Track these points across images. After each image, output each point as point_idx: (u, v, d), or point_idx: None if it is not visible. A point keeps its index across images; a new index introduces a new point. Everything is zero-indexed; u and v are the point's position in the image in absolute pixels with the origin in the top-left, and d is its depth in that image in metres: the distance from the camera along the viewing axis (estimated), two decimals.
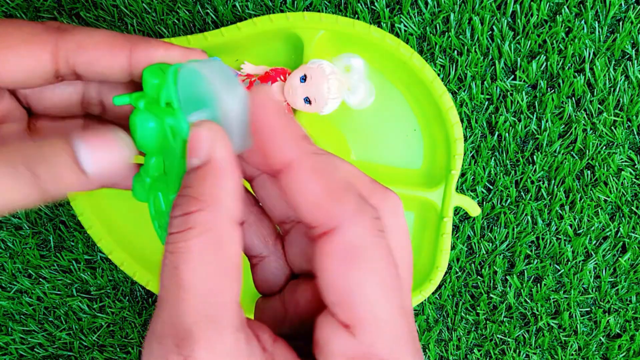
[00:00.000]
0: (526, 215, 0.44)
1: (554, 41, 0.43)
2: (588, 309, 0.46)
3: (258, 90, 0.19)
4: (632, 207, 0.45)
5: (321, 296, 0.18)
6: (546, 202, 0.44)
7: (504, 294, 0.45)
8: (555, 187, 0.44)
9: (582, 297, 0.46)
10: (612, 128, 0.44)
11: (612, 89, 0.43)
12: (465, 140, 0.43)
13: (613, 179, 0.44)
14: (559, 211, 0.44)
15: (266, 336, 0.19)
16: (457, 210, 0.44)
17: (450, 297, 0.46)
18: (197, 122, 0.19)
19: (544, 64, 0.43)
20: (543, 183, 0.44)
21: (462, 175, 0.44)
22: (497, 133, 0.44)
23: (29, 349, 0.47)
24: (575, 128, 0.43)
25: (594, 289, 0.46)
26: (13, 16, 0.43)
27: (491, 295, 0.45)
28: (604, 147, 0.44)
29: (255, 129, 0.19)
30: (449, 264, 0.45)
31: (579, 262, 0.45)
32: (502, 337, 0.46)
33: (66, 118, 0.25)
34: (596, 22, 0.42)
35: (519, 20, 0.42)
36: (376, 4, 0.42)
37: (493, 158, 0.44)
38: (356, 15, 0.42)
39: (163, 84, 0.20)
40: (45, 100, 0.24)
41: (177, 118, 0.20)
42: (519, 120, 0.43)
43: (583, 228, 0.45)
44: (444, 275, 0.44)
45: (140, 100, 0.21)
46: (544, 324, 0.46)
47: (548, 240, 0.45)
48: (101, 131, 0.19)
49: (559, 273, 0.45)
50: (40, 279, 0.46)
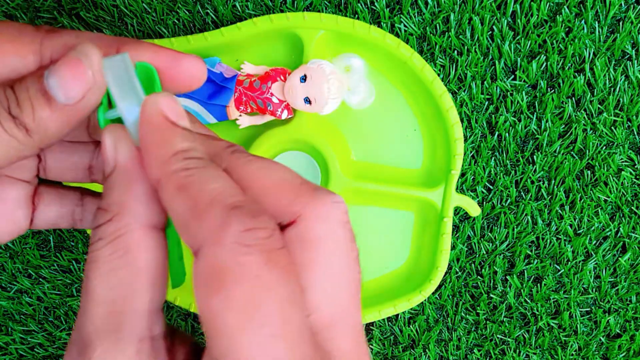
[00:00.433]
0: (526, 215, 0.44)
1: (554, 41, 0.43)
2: (588, 309, 0.46)
3: (146, 101, 0.18)
4: (632, 207, 0.45)
5: None
6: (546, 202, 0.44)
7: (504, 294, 0.45)
8: (555, 187, 0.44)
9: (582, 297, 0.46)
10: (612, 128, 0.44)
11: (612, 89, 0.43)
12: (465, 140, 0.43)
13: (613, 179, 0.44)
14: (559, 211, 0.44)
15: (184, 351, 0.18)
16: (457, 210, 0.44)
17: (450, 297, 0.46)
18: (106, 127, 0.19)
19: (544, 64, 0.43)
20: (543, 183, 0.44)
21: (462, 175, 0.44)
22: (497, 133, 0.44)
23: (29, 349, 0.47)
24: (575, 128, 0.43)
25: (594, 289, 0.46)
26: (13, 16, 0.43)
27: (491, 295, 0.45)
28: (604, 147, 0.44)
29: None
30: (449, 264, 0.45)
31: (579, 262, 0.45)
32: (502, 337, 0.46)
33: None
34: (596, 22, 0.42)
35: (519, 20, 0.42)
36: (376, 4, 0.42)
37: (493, 158, 0.44)
38: (356, 15, 0.42)
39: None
40: None
41: (99, 118, 0.20)
42: (519, 120, 0.43)
43: (583, 228, 0.45)
44: (444, 275, 0.44)
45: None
46: (544, 324, 0.46)
47: (548, 240, 0.45)
48: (67, 57, 0.18)
49: (559, 273, 0.45)
50: (40, 279, 0.46)
